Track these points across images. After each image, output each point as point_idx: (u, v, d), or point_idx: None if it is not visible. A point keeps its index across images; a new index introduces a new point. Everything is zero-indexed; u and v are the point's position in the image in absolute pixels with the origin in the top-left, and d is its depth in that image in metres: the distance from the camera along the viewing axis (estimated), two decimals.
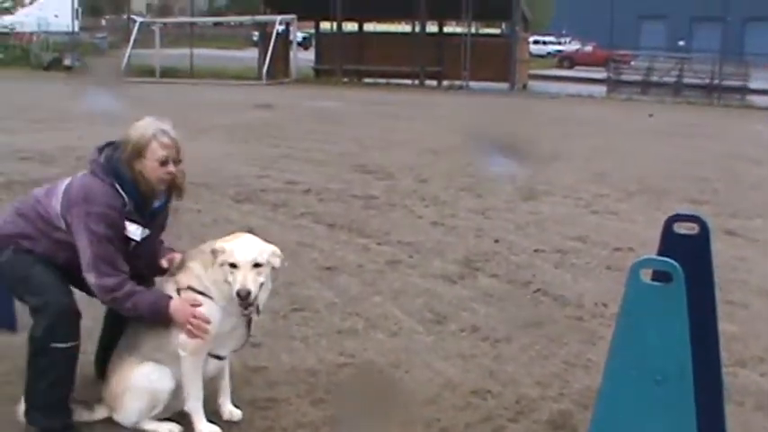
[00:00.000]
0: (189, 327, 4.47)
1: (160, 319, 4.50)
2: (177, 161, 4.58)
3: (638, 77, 37.30)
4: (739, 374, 5.90)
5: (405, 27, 41.74)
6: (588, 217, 10.66)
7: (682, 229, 4.26)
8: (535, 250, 8.86)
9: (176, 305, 4.49)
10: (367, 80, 36.39)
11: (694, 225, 4.27)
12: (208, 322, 4.50)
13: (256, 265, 4.44)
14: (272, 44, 35.29)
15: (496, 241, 9.16)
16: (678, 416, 3.39)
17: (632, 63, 43.12)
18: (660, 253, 4.13)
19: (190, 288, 4.57)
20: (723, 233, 9.99)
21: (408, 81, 35.43)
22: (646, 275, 3.49)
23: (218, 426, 4.67)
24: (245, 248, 4.48)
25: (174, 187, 4.67)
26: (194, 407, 4.64)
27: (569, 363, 5.92)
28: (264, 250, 4.52)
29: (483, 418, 5.05)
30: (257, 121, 19.73)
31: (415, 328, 6.47)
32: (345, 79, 36.11)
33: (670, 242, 4.23)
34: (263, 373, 5.51)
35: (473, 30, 38.60)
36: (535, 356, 6.05)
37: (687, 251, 4.15)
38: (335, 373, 5.59)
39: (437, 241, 9.07)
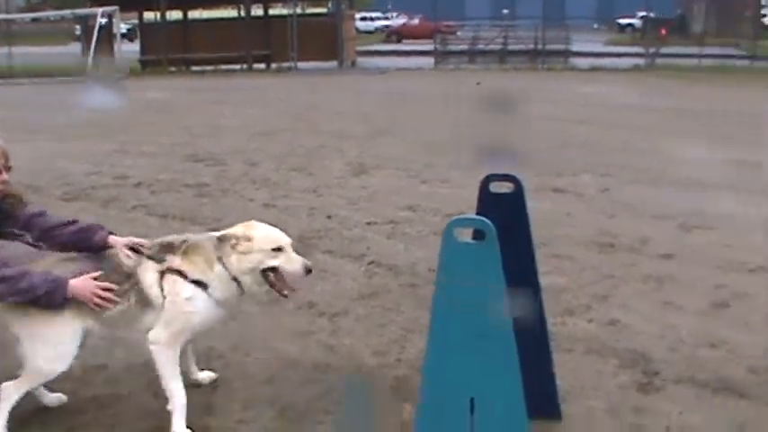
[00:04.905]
0: (97, 300, 4.40)
1: (58, 295, 4.34)
2: (7, 168, 4.52)
3: (464, 47, 37.97)
4: (568, 323, 6.17)
5: (230, 12, 41.30)
6: (419, 187, 10.85)
7: (498, 188, 4.40)
8: (368, 223, 9.00)
9: (77, 281, 4.38)
10: (195, 68, 35.87)
11: (510, 183, 4.41)
12: (113, 291, 4.44)
13: None
14: (94, 38, 34.38)
15: (329, 218, 9.25)
16: (502, 368, 3.49)
17: (458, 33, 43.91)
18: (478, 212, 4.25)
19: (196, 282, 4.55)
20: (551, 191, 10.38)
21: (237, 66, 35.16)
22: (463, 235, 3.58)
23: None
24: (278, 232, 4.65)
25: (7, 196, 4.60)
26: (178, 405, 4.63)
27: (406, 329, 6.06)
28: None
29: (324, 392, 5.12)
30: (85, 118, 19.22)
31: (252, 310, 6.46)
32: (173, 69, 35.56)
33: (487, 201, 4.37)
34: (102, 372, 5.43)
35: (298, 10, 38.48)
36: (372, 327, 6.16)
37: (504, 209, 4.30)
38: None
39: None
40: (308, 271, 4.57)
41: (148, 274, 4.55)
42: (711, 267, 7.53)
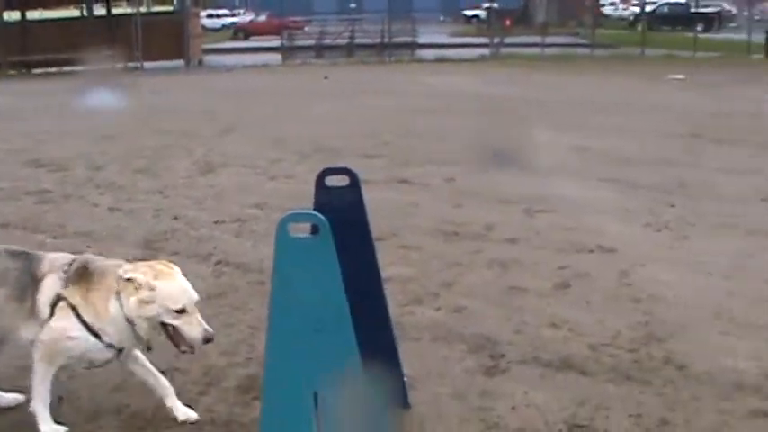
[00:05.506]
0: None
1: None
2: None
3: (311, 42, 38.06)
4: (416, 312, 6.25)
5: (72, 12, 40.22)
6: (266, 184, 10.81)
7: (333, 181, 4.42)
8: (215, 222, 8.91)
9: None
10: (37, 71, 34.82)
11: (345, 177, 4.44)
12: None
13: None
14: None
15: (175, 218, 9.11)
16: (342, 360, 3.51)
17: (306, 29, 44.00)
18: (315, 207, 4.27)
19: (87, 326, 4.34)
20: (397, 182, 10.50)
21: (80, 68, 34.29)
22: (299, 230, 3.57)
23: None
24: (186, 290, 4.38)
25: None
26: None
27: (254, 327, 6.01)
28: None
29: None
30: None
31: None
32: (12, 72, 34.42)
33: (323, 195, 4.40)
34: None
35: (143, 9, 37.85)
36: (220, 326, 6.05)
37: (340, 202, 4.33)
38: (19, 377, 5.37)
39: (115, 227, 8.89)
40: (207, 340, 4.37)
41: (48, 290, 4.38)
42: (554, 250, 7.75)
